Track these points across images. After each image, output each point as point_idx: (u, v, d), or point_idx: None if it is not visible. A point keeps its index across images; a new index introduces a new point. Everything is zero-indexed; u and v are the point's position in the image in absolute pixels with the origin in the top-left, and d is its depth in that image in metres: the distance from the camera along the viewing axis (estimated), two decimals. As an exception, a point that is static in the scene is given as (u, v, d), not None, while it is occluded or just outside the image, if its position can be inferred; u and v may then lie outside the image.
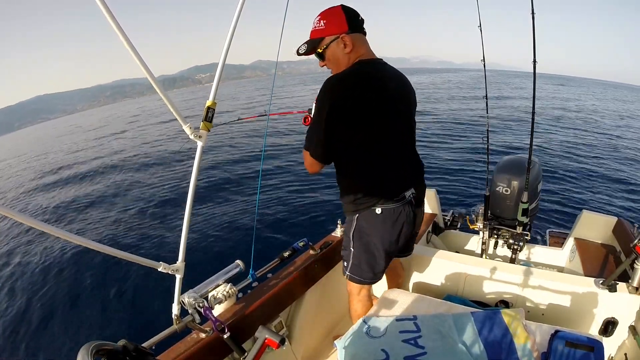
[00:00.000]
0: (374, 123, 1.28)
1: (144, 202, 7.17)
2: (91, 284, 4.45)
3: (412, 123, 1.45)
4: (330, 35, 1.31)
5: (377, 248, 1.39)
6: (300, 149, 1.68)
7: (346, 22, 1.30)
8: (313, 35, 1.34)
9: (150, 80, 0.77)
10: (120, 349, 0.72)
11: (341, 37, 1.30)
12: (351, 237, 1.42)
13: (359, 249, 1.42)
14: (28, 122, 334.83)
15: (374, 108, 1.26)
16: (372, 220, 1.36)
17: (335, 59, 1.34)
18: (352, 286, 1.56)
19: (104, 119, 42.12)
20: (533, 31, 1.84)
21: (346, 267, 1.48)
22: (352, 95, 1.23)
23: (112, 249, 0.82)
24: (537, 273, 1.80)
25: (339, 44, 1.31)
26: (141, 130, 20.06)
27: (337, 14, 1.30)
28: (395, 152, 1.36)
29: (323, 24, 1.31)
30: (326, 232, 1.99)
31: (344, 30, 1.30)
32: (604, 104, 22.81)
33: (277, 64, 2.00)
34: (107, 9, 0.66)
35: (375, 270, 1.44)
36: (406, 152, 1.43)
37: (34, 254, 5.69)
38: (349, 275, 1.48)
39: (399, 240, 1.41)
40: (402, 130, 1.39)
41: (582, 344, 1.15)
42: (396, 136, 1.35)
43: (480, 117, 12.63)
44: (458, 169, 7.39)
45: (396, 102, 1.34)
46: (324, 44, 1.32)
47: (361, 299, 1.56)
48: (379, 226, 1.36)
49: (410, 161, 1.45)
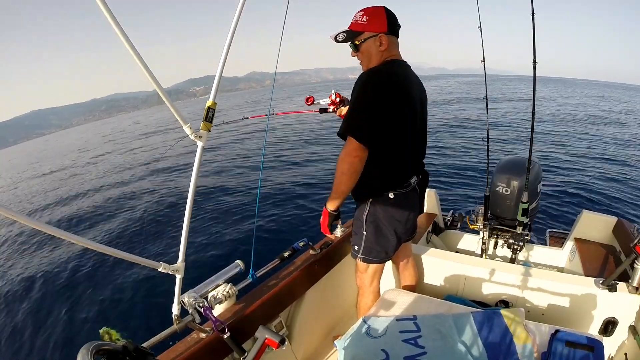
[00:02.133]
0: (402, 117, 1.38)
1: (144, 202, 7.18)
2: (91, 284, 4.45)
3: (425, 121, 1.58)
4: (370, 32, 1.39)
5: (389, 230, 1.50)
6: (300, 148, 1.68)
7: (386, 23, 1.39)
8: (353, 27, 1.41)
9: (153, 84, 0.78)
10: (120, 349, 0.72)
11: (379, 36, 1.39)
12: (364, 221, 1.50)
13: (371, 232, 1.51)
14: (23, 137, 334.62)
15: (403, 104, 1.37)
16: (385, 204, 1.47)
17: (369, 54, 1.42)
18: (363, 278, 1.62)
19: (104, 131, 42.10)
20: (533, 31, 1.84)
21: (357, 250, 1.56)
22: (391, 89, 1.33)
23: (113, 249, 0.82)
24: (537, 273, 1.80)
25: (375, 42, 1.40)
26: (141, 138, 20.06)
27: (380, 14, 1.39)
28: (411, 146, 1.48)
29: (365, 19, 1.39)
30: (326, 233, 1.99)
31: (383, 30, 1.39)
32: (603, 104, 22.82)
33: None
34: (114, 18, 0.66)
35: (387, 250, 1.54)
36: (417, 146, 1.55)
37: (34, 254, 5.70)
38: (362, 257, 1.55)
39: (407, 223, 1.54)
40: (419, 128, 1.50)
41: (582, 344, 1.15)
42: (414, 132, 1.47)
43: (479, 119, 12.64)
44: (458, 169, 7.40)
45: (417, 101, 1.44)
46: (362, 37, 1.40)
47: (372, 292, 1.63)
48: (391, 210, 1.48)
49: (418, 153, 1.58)
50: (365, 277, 1.62)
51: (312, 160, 8.78)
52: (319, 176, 7.39)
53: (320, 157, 8.97)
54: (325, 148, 9.87)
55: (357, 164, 1.32)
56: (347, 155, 1.32)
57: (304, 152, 9.54)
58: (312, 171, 7.81)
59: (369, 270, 1.60)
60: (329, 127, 12.90)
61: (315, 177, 7.33)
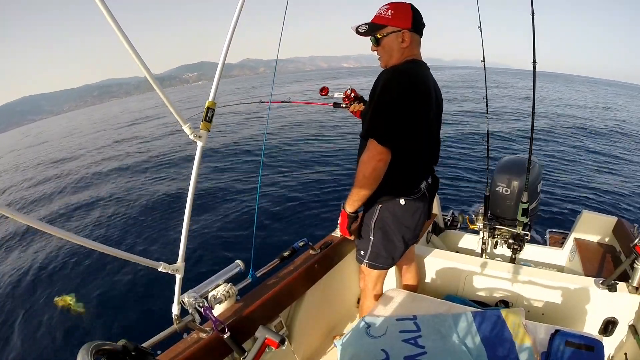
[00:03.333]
0: (420, 121, 1.35)
1: (144, 202, 7.17)
2: (91, 284, 4.45)
3: (440, 126, 1.54)
4: (393, 27, 1.36)
5: (397, 237, 1.47)
6: (300, 148, 1.68)
7: (411, 20, 1.36)
8: (377, 20, 1.39)
9: (150, 80, 0.77)
10: (120, 349, 0.72)
11: (402, 32, 1.36)
12: (372, 227, 1.48)
13: (379, 238, 1.48)
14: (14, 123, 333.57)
15: (424, 108, 1.34)
16: (395, 210, 1.44)
17: (390, 49, 1.39)
18: (367, 281, 1.61)
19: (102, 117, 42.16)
20: (533, 31, 1.83)
21: (363, 255, 1.54)
22: (413, 91, 1.30)
23: (112, 249, 0.81)
24: (537, 273, 1.80)
25: (398, 37, 1.37)
26: (139, 130, 20.04)
27: (406, 10, 1.37)
28: (426, 150, 1.46)
29: (390, 13, 1.37)
30: (326, 232, 1.99)
31: (407, 26, 1.36)
32: (602, 103, 22.81)
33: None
34: (105, 5, 0.65)
35: (394, 256, 1.52)
36: (432, 150, 1.53)
37: (33, 254, 5.69)
38: (368, 263, 1.53)
39: (415, 229, 1.51)
40: (434, 132, 1.49)
41: (582, 344, 1.15)
42: (429, 137, 1.45)
43: (479, 118, 12.64)
44: (458, 169, 7.40)
45: (434, 105, 1.41)
46: (384, 31, 1.37)
47: (376, 294, 1.63)
48: (401, 216, 1.45)
49: (431, 158, 1.55)
50: (369, 280, 1.62)
51: (312, 159, 8.78)
52: (320, 176, 7.39)
53: (320, 157, 8.97)
54: (325, 148, 9.87)
55: (381, 168, 1.27)
56: (371, 158, 1.26)
57: (304, 151, 9.55)
58: (312, 171, 7.81)
59: (373, 273, 1.59)
60: (330, 127, 12.91)
61: (316, 177, 7.33)
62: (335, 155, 8.93)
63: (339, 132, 11.90)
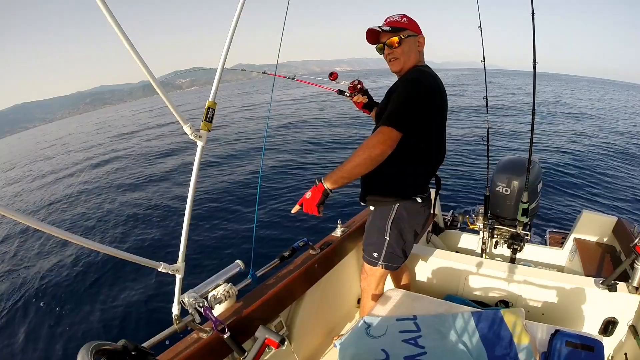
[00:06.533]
0: (437, 120, 1.41)
1: (144, 202, 7.18)
2: (91, 284, 4.45)
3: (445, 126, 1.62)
4: (412, 31, 1.45)
5: (410, 235, 1.52)
6: (300, 148, 1.68)
7: (421, 31, 1.48)
8: (394, 24, 1.45)
9: (152, 82, 0.77)
10: (120, 349, 0.72)
11: (419, 36, 1.47)
12: (389, 227, 1.48)
13: (395, 238, 1.49)
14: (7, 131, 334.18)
15: (440, 108, 1.42)
16: (412, 209, 1.49)
17: (408, 52, 1.45)
18: (371, 281, 1.61)
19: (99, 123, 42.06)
20: (533, 31, 1.83)
21: (377, 257, 1.53)
22: (436, 93, 1.37)
23: (113, 249, 0.81)
24: (537, 273, 1.80)
25: (415, 41, 1.46)
26: (138, 132, 20.04)
27: (415, 21, 1.48)
28: (437, 149, 1.50)
29: (405, 20, 1.46)
30: (326, 232, 1.99)
31: (420, 33, 1.48)
32: (602, 103, 22.81)
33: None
34: (109, 10, 0.66)
35: (406, 254, 1.56)
36: (442, 151, 1.57)
37: (33, 254, 5.70)
38: (384, 265, 1.53)
39: (422, 226, 1.57)
40: (444, 132, 1.54)
41: (582, 344, 1.15)
42: (441, 136, 1.50)
43: (479, 117, 12.64)
44: (458, 168, 7.40)
45: (446, 106, 1.48)
46: (406, 33, 1.44)
47: (377, 294, 1.64)
48: (416, 214, 1.50)
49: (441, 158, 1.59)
50: (373, 280, 1.62)
51: (313, 159, 8.78)
52: (320, 176, 7.39)
53: (320, 157, 8.98)
54: (326, 147, 9.88)
55: (386, 154, 1.25)
56: (381, 142, 1.24)
57: (304, 151, 9.55)
58: (313, 171, 7.80)
59: (377, 273, 1.59)
60: (330, 126, 12.92)
61: (316, 177, 7.33)
62: (335, 156, 8.94)
63: (339, 132, 11.91)
